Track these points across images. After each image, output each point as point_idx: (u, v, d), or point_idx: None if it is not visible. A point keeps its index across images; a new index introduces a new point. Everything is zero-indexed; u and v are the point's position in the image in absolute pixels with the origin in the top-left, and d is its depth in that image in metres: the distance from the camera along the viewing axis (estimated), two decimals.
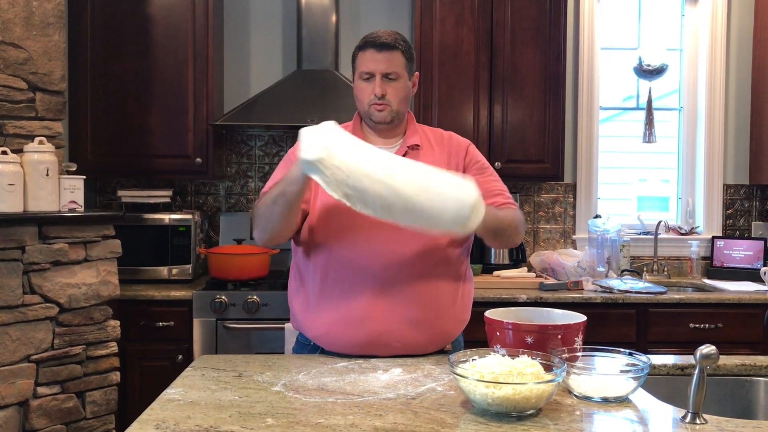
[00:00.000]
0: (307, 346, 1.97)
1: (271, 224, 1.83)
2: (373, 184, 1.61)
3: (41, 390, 2.58)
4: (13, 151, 2.60)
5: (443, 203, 1.64)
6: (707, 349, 1.36)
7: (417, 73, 2.01)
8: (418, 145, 1.97)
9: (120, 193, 3.52)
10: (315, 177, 1.63)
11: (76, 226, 2.68)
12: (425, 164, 1.74)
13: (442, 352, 1.92)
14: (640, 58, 3.88)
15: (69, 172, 2.80)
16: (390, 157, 1.70)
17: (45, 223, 2.59)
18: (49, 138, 2.73)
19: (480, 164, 2.03)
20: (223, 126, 3.53)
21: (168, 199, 3.57)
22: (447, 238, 1.87)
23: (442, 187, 1.65)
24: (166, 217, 3.43)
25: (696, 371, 1.36)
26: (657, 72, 3.87)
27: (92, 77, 3.43)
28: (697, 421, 1.35)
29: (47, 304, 2.59)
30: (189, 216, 3.46)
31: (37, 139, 2.66)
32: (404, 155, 1.91)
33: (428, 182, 1.65)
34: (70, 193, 2.73)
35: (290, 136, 3.89)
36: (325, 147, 1.61)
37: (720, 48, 3.98)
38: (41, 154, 2.64)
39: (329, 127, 1.67)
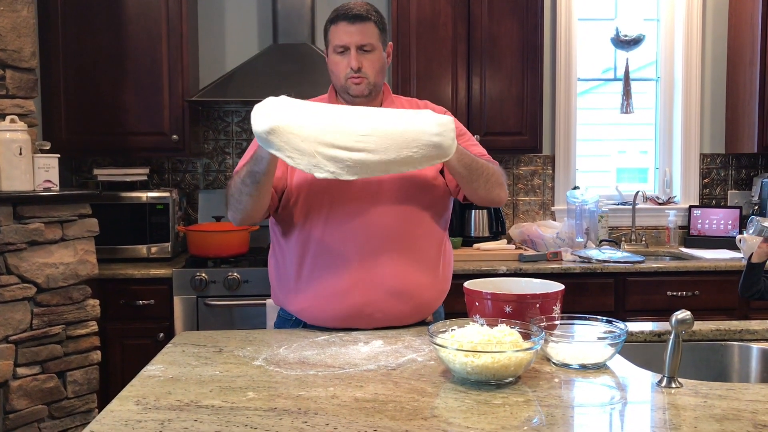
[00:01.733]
0: (289, 321, 1.97)
1: (242, 204, 1.80)
2: (339, 136, 1.59)
3: (21, 371, 2.57)
4: None
5: (422, 119, 1.65)
6: (682, 314, 1.38)
7: (390, 43, 1.98)
8: None
9: (96, 171, 3.48)
10: (275, 152, 1.58)
11: (52, 206, 2.64)
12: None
13: (423, 323, 1.93)
14: (617, 29, 3.89)
15: (43, 151, 2.76)
16: (348, 109, 1.69)
17: (20, 203, 2.56)
18: (21, 116, 2.69)
19: (458, 130, 2.00)
20: (199, 102, 3.49)
21: (145, 177, 3.53)
22: (428, 199, 1.89)
23: (413, 112, 1.70)
24: (144, 195, 3.40)
25: (672, 336, 1.38)
26: (634, 42, 3.88)
27: (64, 54, 3.37)
28: (673, 385, 1.37)
29: (24, 285, 2.57)
30: (167, 194, 3.43)
31: (8, 117, 2.62)
32: None
33: (398, 113, 1.67)
34: (44, 172, 2.69)
35: None
36: (276, 117, 1.57)
37: (696, 17, 3.99)
38: (13, 132, 2.60)
39: (280, 99, 1.64)
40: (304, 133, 1.58)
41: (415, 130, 1.63)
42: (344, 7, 1.89)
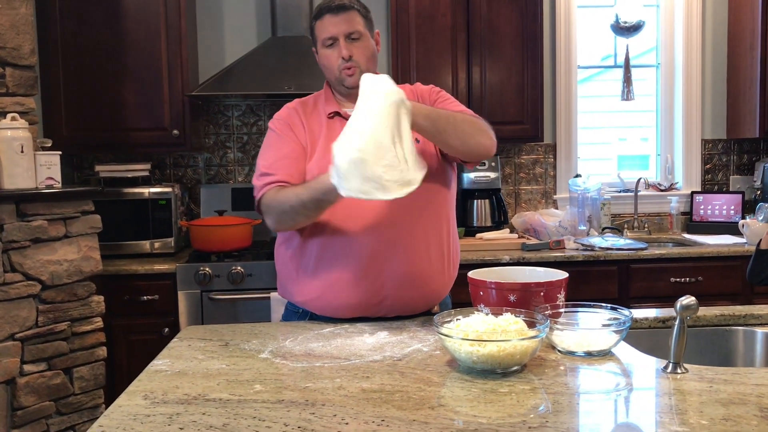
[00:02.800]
0: (296, 313, 1.97)
1: (294, 221, 1.82)
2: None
3: (28, 368, 2.58)
4: None
5: (374, 95, 1.61)
6: (687, 300, 1.38)
7: (377, 30, 1.98)
8: None
9: (97, 168, 3.48)
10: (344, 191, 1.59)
11: (55, 203, 2.65)
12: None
13: (429, 313, 1.93)
14: (617, 16, 3.87)
15: (44, 148, 2.76)
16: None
17: (22, 201, 2.56)
18: (22, 114, 2.69)
19: (435, 96, 1.99)
20: (199, 97, 3.49)
21: (147, 173, 3.53)
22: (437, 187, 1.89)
23: (365, 97, 1.63)
24: (146, 191, 3.41)
25: (677, 322, 1.39)
26: (634, 29, 3.87)
27: (63, 51, 3.36)
28: (678, 371, 1.37)
29: (29, 282, 2.57)
30: (169, 189, 3.43)
31: (9, 115, 2.61)
32: None
33: (361, 109, 1.62)
34: (46, 170, 2.69)
35: (267, 105, 3.86)
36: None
37: (696, 3, 3.97)
38: (14, 130, 2.60)
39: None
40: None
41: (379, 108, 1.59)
42: (325, 1, 1.90)
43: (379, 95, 1.58)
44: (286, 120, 1.96)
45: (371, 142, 1.54)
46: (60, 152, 2.77)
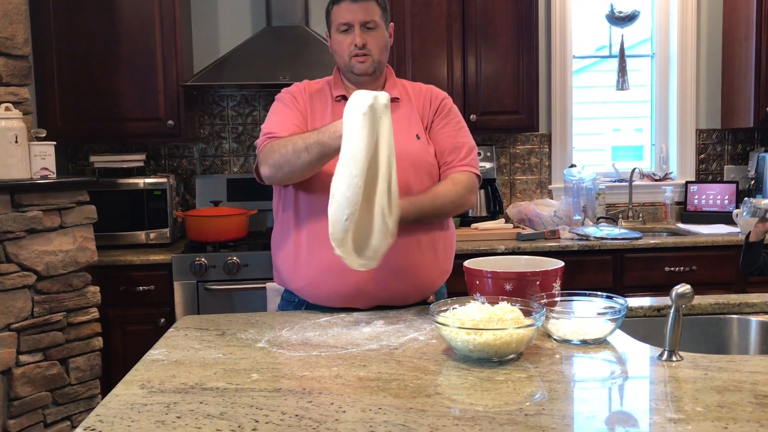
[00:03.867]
0: (292, 303, 1.98)
1: (293, 167, 1.76)
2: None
3: (24, 358, 2.58)
4: None
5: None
6: (682, 288, 1.39)
7: (392, 23, 1.99)
8: (397, 98, 1.96)
9: (92, 158, 3.47)
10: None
11: (50, 193, 2.64)
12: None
13: (425, 303, 1.94)
14: (611, 6, 3.87)
15: (38, 139, 2.75)
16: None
17: (17, 191, 2.55)
18: (16, 104, 2.67)
19: (447, 112, 1.99)
20: (194, 87, 3.48)
21: (142, 163, 3.53)
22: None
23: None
24: (141, 182, 3.40)
25: (672, 310, 1.39)
26: (629, 19, 3.87)
27: (57, 41, 3.35)
28: (674, 359, 1.38)
29: (24, 273, 2.57)
30: (164, 179, 3.42)
31: (3, 105, 2.60)
32: None
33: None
34: (41, 160, 2.68)
35: (263, 95, 3.85)
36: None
37: None
38: (8, 120, 2.59)
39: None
40: None
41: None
42: None
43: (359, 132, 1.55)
44: (293, 93, 1.97)
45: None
46: (54, 142, 2.76)
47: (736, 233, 3.47)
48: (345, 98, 1.91)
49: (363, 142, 1.52)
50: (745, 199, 2.67)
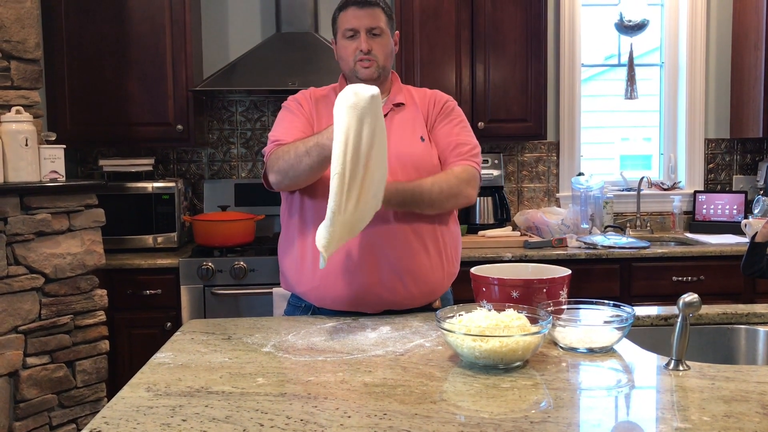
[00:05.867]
0: (299, 308, 1.98)
1: (297, 172, 1.79)
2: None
3: (30, 360, 2.59)
4: None
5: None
6: (690, 297, 1.38)
7: (397, 31, 2.02)
8: (402, 104, 1.98)
9: (101, 162, 3.49)
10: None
11: (59, 196, 2.65)
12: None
13: (431, 309, 1.94)
14: (621, 14, 3.87)
15: (48, 142, 2.77)
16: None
17: (26, 194, 2.57)
18: (27, 107, 2.69)
19: (449, 112, 2.00)
20: (204, 92, 3.50)
21: (150, 168, 3.54)
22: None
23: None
24: (149, 186, 3.41)
25: (679, 319, 1.39)
26: (638, 27, 3.86)
27: (68, 45, 3.37)
28: (680, 368, 1.37)
29: (33, 275, 2.58)
30: (172, 184, 3.44)
31: (14, 108, 2.62)
32: (389, 113, 1.94)
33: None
34: (50, 163, 2.70)
35: (272, 101, 3.86)
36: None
37: (700, 1, 3.97)
38: (19, 123, 2.61)
39: None
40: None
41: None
42: None
43: (343, 118, 1.58)
44: (299, 101, 2.00)
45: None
46: (64, 146, 2.77)
47: (744, 243, 3.45)
48: None
49: (342, 134, 1.56)
50: (757, 197, 2.67)
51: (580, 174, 3.89)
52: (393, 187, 1.77)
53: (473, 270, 1.73)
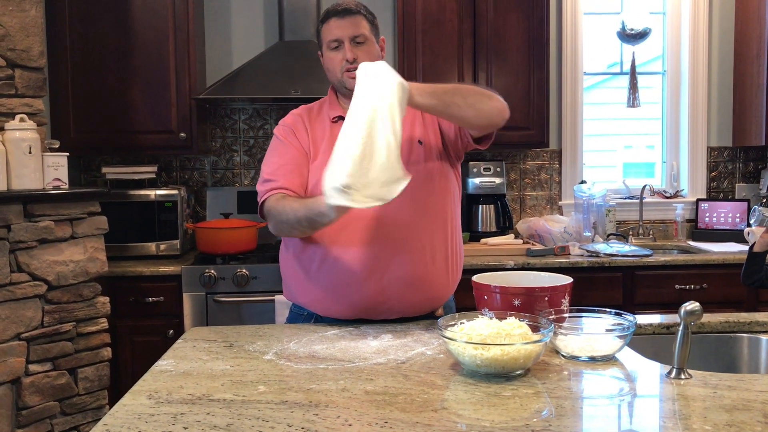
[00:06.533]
0: (301, 316, 1.98)
1: (290, 233, 1.88)
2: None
3: (33, 367, 2.59)
4: None
5: (369, 86, 1.61)
6: (691, 305, 1.38)
7: (383, 37, 1.99)
8: None
9: (104, 170, 3.50)
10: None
11: (62, 204, 2.66)
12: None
13: (433, 317, 1.94)
14: (623, 23, 3.88)
15: (52, 150, 2.78)
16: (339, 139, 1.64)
17: (30, 201, 2.58)
18: (30, 115, 2.70)
19: None
20: (207, 100, 3.51)
21: (153, 175, 3.55)
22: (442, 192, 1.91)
23: (361, 88, 1.64)
24: (152, 193, 3.42)
25: (680, 328, 1.39)
26: (640, 36, 3.87)
27: (72, 53, 3.39)
28: (682, 376, 1.37)
29: (35, 282, 2.59)
30: (175, 191, 3.45)
31: (18, 116, 2.63)
32: None
33: (357, 106, 1.62)
34: (54, 171, 2.71)
35: (274, 109, 3.87)
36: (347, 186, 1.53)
37: (703, 10, 3.98)
38: (23, 131, 2.62)
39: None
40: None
41: (374, 99, 1.58)
42: (332, 6, 1.93)
43: (375, 90, 1.58)
44: (290, 126, 1.99)
45: (358, 160, 1.53)
46: (67, 153, 2.78)
47: (747, 251, 3.44)
48: (342, 118, 1.90)
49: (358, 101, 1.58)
50: (755, 207, 2.67)
51: (583, 182, 3.89)
52: (424, 86, 1.70)
53: (475, 278, 1.73)
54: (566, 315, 1.61)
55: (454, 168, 1.99)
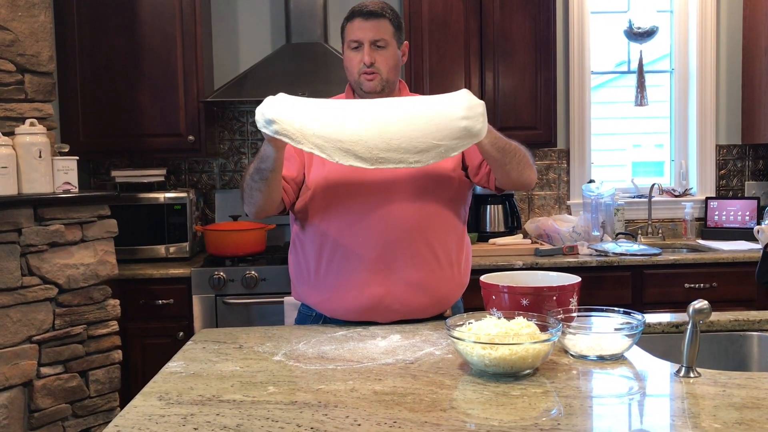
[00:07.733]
0: (309, 317, 1.99)
1: (254, 199, 1.85)
2: (348, 124, 1.62)
3: (44, 370, 2.61)
4: (4, 134, 2.59)
5: (444, 100, 1.64)
6: (700, 304, 1.38)
7: (406, 42, 2.00)
8: None
9: (114, 173, 3.52)
10: (282, 138, 1.64)
11: (72, 207, 2.68)
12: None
13: (441, 317, 1.94)
14: (630, 21, 3.87)
15: (62, 154, 2.79)
16: (359, 102, 1.72)
17: (40, 205, 2.59)
18: (40, 120, 2.72)
19: None
20: (214, 103, 3.52)
21: (162, 178, 3.57)
22: (447, 196, 1.90)
23: (431, 97, 1.69)
24: (161, 196, 3.44)
25: (689, 326, 1.38)
26: (647, 34, 3.86)
27: (80, 57, 3.41)
28: (692, 375, 1.37)
29: (46, 286, 2.60)
30: (184, 194, 3.46)
31: (28, 121, 2.65)
32: None
33: (415, 98, 1.69)
34: (63, 174, 2.73)
35: None
36: (278, 107, 1.67)
37: (710, 8, 3.96)
38: (33, 136, 2.64)
39: (279, 96, 1.70)
40: (311, 117, 1.64)
41: (453, 111, 1.61)
42: (360, 4, 1.93)
43: (459, 108, 1.61)
44: None
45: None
46: (77, 157, 2.80)
47: (757, 250, 3.43)
48: None
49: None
50: (767, 206, 2.65)
51: (591, 181, 3.88)
52: (496, 134, 1.74)
53: (483, 278, 1.73)
54: (574, 314, 1.61)
55: (471, 166, 1.97)
